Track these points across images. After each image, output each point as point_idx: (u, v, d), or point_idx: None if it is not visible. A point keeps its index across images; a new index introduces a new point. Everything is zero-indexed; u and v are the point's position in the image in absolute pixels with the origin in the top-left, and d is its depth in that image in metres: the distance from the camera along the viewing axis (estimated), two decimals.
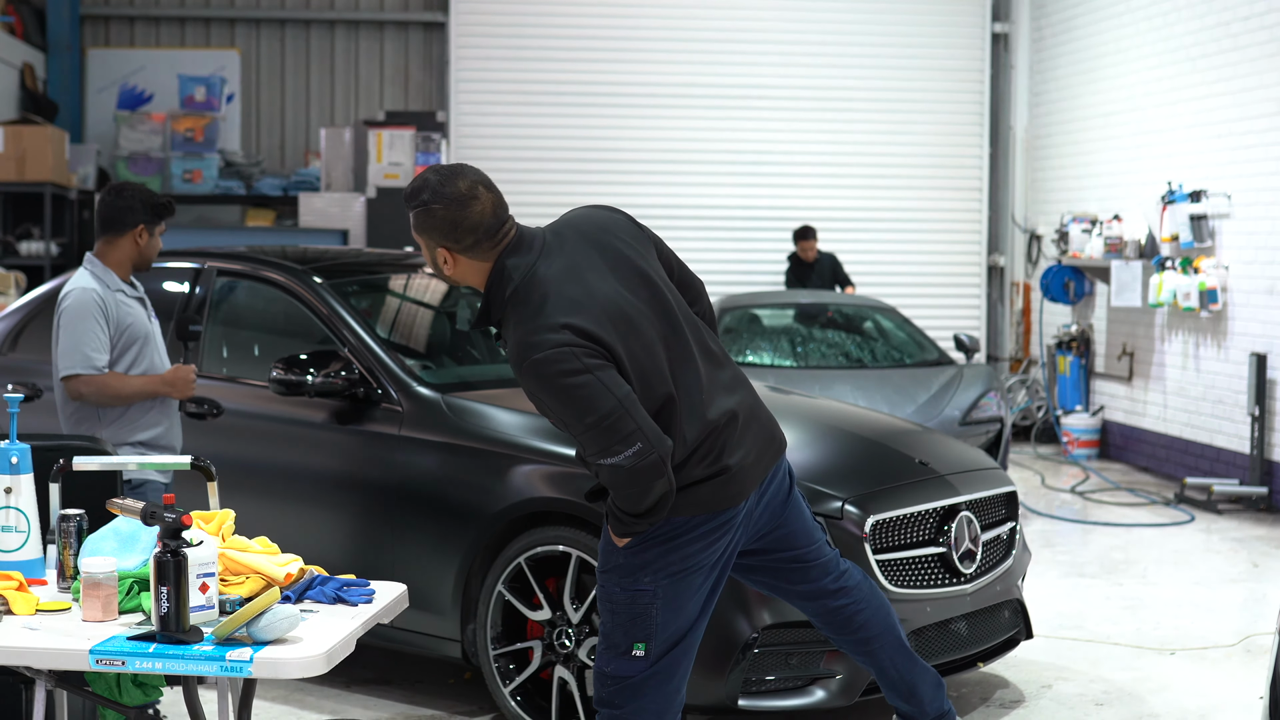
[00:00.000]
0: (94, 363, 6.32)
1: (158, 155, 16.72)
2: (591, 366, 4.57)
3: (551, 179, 17.15)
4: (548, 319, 4.62)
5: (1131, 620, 8.82)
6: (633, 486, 4.65)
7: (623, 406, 4.58)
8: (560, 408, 4.62)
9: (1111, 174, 15.44)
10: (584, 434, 4.62)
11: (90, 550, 4.66)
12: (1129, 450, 15.07)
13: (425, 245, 4.86)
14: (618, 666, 4.91)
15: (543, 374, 4.58)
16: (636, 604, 4.88)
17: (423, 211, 4.80)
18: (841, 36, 17.53)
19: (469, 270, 4.81)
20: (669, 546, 4.85)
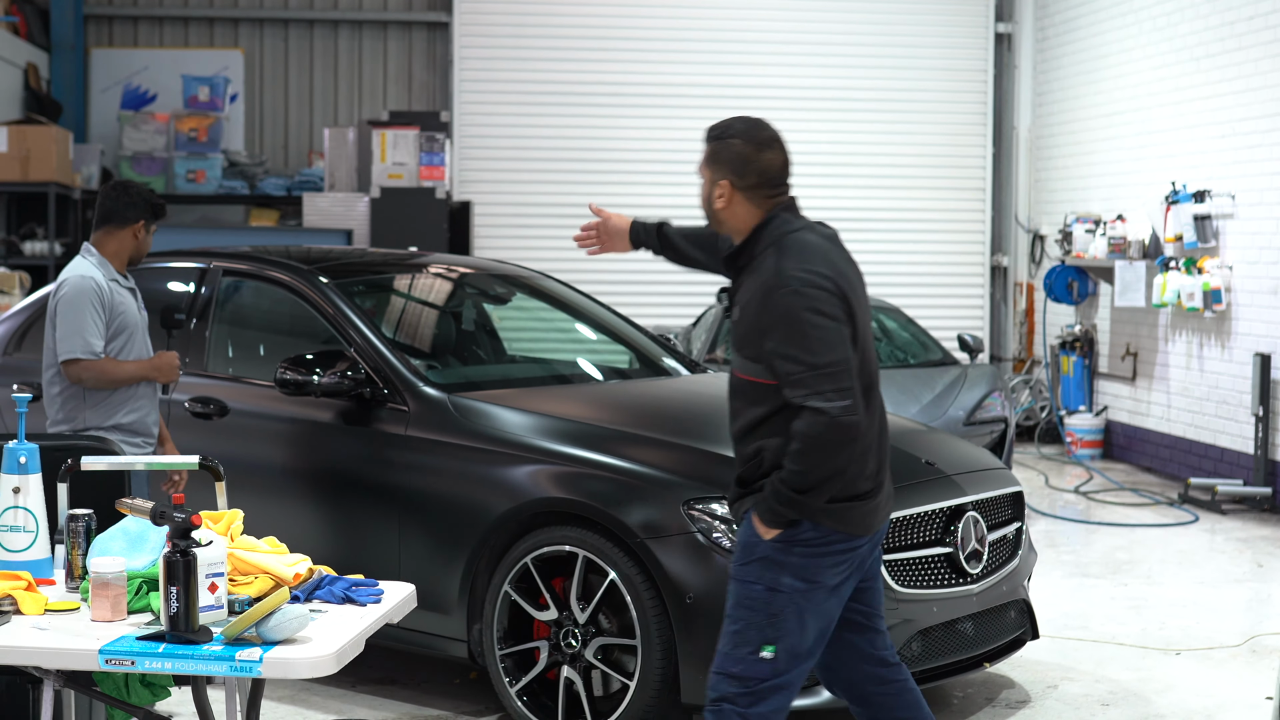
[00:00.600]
0: (93, 348, 6.51)
1: (161, 155, 16.73)
2: (838, 317, 4.72)
3: (555, 179, 17.15)
4: (815, 267, 4.77)
5: (1136, 620, 8.82)
6: (825, 443, 4.66)
7: (849, 362, 4.71)
8: (792, 339, 4.68)
9: (1115, 174, 15.43)
10: (804, 373, 4.66)
11: (99, 550, 4.66)
12: (1132, 450, 15.07)
13: (709, 177, 5.00)
14: (745, 668, 4.83)
15: (795, 303, 4.68)
16: (774, 603, 4.82)
17: (722, 143, 4.98)
18: (845, 37, 17.52)
19: (738, 211, 4.95)
20: (812, 553, 4.83)
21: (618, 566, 6.18)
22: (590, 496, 6.33)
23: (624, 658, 6.29)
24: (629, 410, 7.28)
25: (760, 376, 4.80)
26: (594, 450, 6.52)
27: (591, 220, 5.65)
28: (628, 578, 6.16)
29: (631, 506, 6.22)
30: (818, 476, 4.71)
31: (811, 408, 4.64)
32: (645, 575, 6.14)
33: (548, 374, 8.24)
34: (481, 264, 9.22)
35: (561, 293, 8.74)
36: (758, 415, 4.85)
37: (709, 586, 6.05)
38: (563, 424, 6.77)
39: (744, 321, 4.84)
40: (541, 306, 8.85)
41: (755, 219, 4.94)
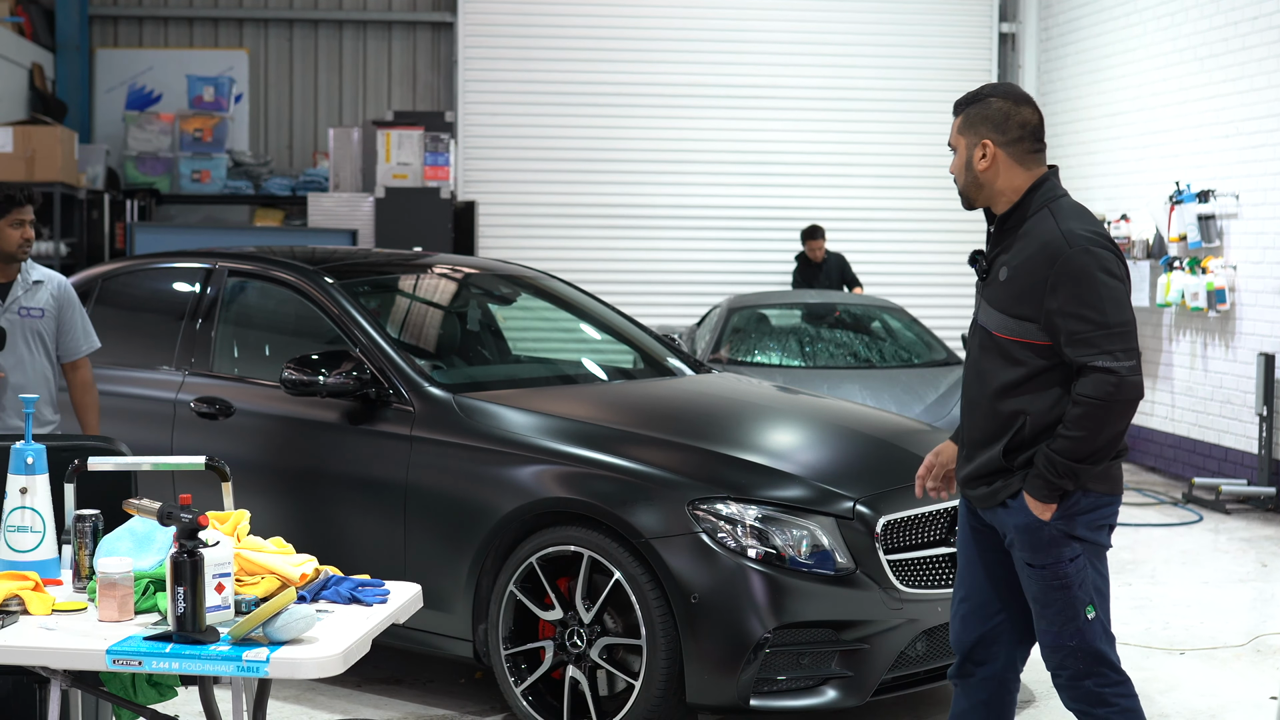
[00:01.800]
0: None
1: (166, 155, 16.76)
2: (1124, 279, 4.76)
3: (559, 179, 17.17)
4: (1099, 231, 4.80)
5: (1140, 620, 8.83)
6: (1113, 404, 4.64)
7: (1134, 326, 4.74)
8: (1082, 295, 4.68)
9: (1119, 174, 15.44)
10: (1093, 331, 4.67)
11: (106, 550, 4.67)
12: (1137, 450, 15.07)
13: (965, 143, 4.97)
14: (1081, 639, 4.85)
15: (1089, 263, 4.69)
16: (1073, 572, 4.82)
17: (980, 105, 4.95)
18: (849, 36, 17.54)
19: (1002, 168, 4.92)
20: (1092, 520, 4.85)
21: (623, 566, 6.19)
22: (595, 497, 6.34)
23: (629, 657, 6.30)
24: (634, 410, 7.29)
25: (1031, 337, 4.78)
26: (599, 450, 6.53)
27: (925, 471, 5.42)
28: (633, 578, 6.17)
29: (636, 507, 6.23)
30: (1101, 441, 4.68)
31: (1101, 367, 4.64)
32: (650, 575, 6.15)
33: (552, 374, 8.26)
34: (486, 264, 9.23)
35: (566, 293, 8.75)
36: (1018, 377, 4.83)
37: (714, 586, 6.07)
38: (568, 424, 6.78)
39: (1017, 281, 4.80)
40: (546, 306, 8.86)
41: (1023, 180, 4.93)
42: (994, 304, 4.89)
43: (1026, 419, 4.81)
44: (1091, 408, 4.64)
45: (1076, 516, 4.79)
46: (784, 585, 6.10)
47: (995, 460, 4.88)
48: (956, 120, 5.01)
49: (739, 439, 6.87)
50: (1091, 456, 4.69)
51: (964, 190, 5.04)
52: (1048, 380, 4.78)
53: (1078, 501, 4.78)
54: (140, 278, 8.48)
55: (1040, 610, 4.89)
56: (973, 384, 5.00)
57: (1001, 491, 4.89)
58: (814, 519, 6.24)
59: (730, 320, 13.13)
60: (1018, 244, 4.85)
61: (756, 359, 12.44)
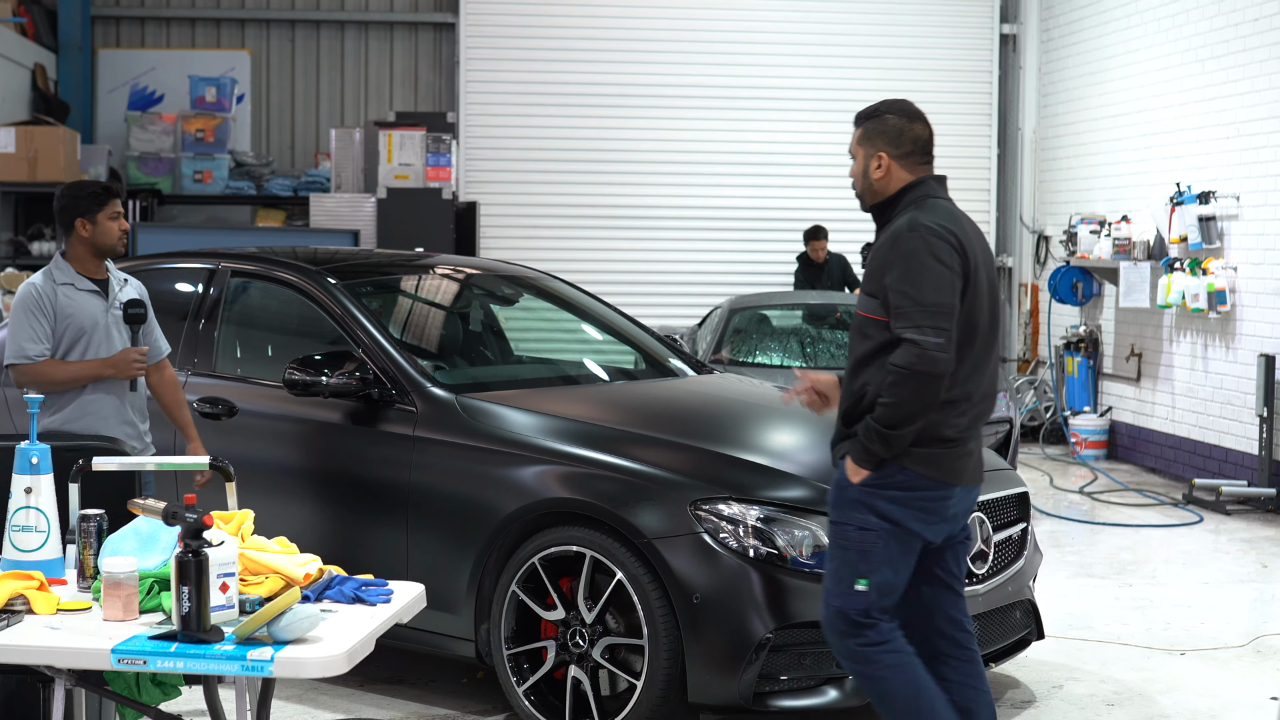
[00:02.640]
0: (25, 353, 6.49)
1: (168, 155, 16.76)
2: (953, 267, 5.17)
3: (561, 179, 17.18)
4: (944, 224, 5.25)
5: (1141, 621, 8.84)
6: (913, 374, 5.05)
7: (953, 309, 5.14)
8: (908, 274, 5.13)
9: (1120, 175, 15.45)
10: (910, 306, 5.10)
11: (110, 550, 4.69)
12: (1137, 451, 15.09)
13: (863, 154, 5.47)
14: (844, 601, 5.26)
15: (917, 244, 5.16)
16: (864, 540, 5.24)
17: (877, 120, 5.48)
18: (850, 38, 17.55)
19: (893, 178, 5.44)
20: (900, 497, 5.23)
21: (625, 567, 6.21)
22: (597, 497, 6.35)
23: (631, 657, 6.32)
24: (636, 411, 7.30)
25: (874, 312, 5.24)
26: (601, 451, 6.55)
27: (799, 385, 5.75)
28: (635, 578, 6.18)
29: (639, 507, 6.25)
30: (907, 410, 5.09)
31: (909, 339, 5.07)
32: (652, 575, 6.17)
33: (554, 375, 8.27)
34: (488, 264, 9.25)
35: (568, 293, 8.76)
36: (867, 350, 5.26)
37: (716, 586, 6.09)
38: (570, 424, 6.79)
39: (872, 262, 5.30)
40: (548, 307, 8.87)
41: (904, 183, 5.42)
42: (862, 287, 5.43)
43: (869, 388, 5.24)
44: (898, 376, 5.07)
45: (883, 489, 5.22)
46: (786, 585, 6.12)
47: (839, 428, 5.40)
48: (856, 132, 5.51)
49: (741, 439, 6.88)
50: (899, 424, 5.11)
51: (860, 194, 5.54)
52: (889, 355, 5.17)
53: (891, 476, 5.21)
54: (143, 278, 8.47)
55: (829, 567, 5.37)
56: (848, 359, 5.44)
57: (836, 454, 5.40)
58: (816, 519, 6.25)
59: (731, 321, 13.13)
60: (884, 233, 5.37)
61: (758, 360, 12.45)
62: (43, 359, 6.50)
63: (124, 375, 6.60)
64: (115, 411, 6.63)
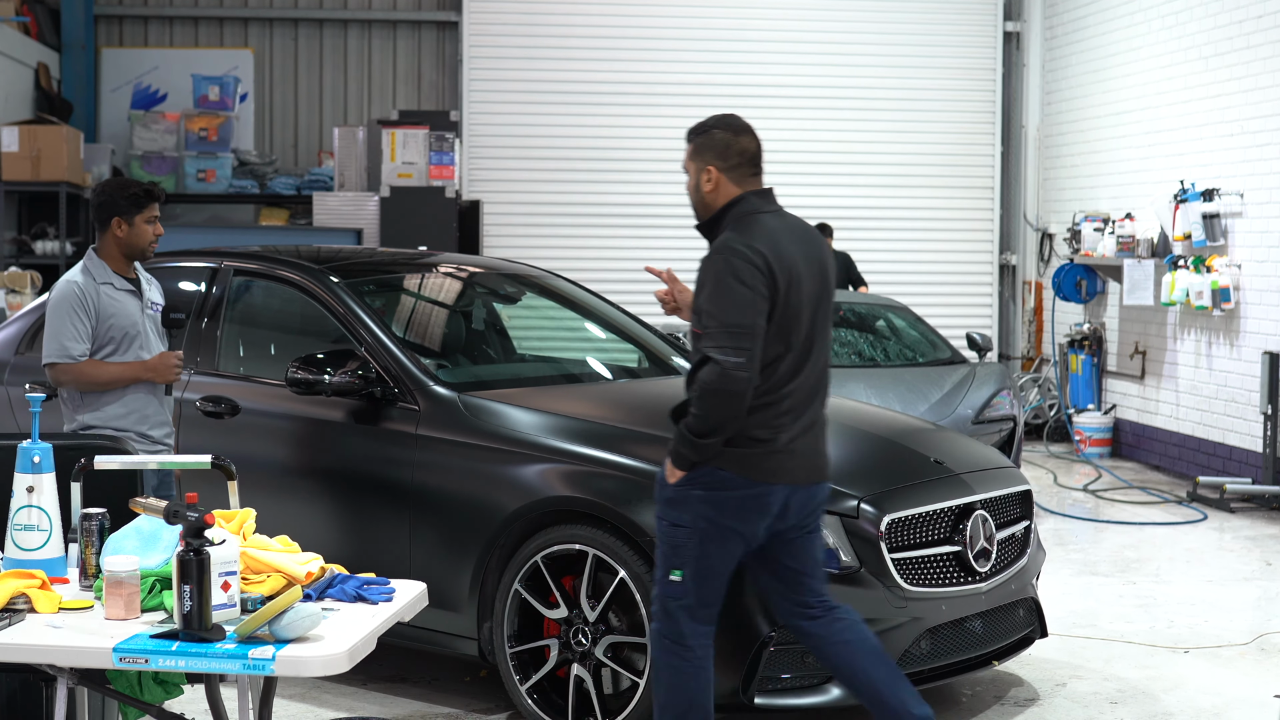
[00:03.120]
0: (68, 352, 6.50)
1: (172, 154, 16.76)
2: (756, 288, 5.36)
3: (564, 178, 17.18)
4: (754, 243, 5.44)
5: (1145, 618, 8.83)
6: (715, 390, 5.29)
7: (755, 330, 5.33)
8: (714, 293, 5.38)
9: (1124, 172, 15.44)
10: (714, 325, 5.34)
11: (112, 549, 4.69)
12: (1141, 449, 15.08)
13: (694, 168, 5.73)
14: (662, 589, 5.53)
15: (724, 265, 5.39)
16: (676, 536, 5.49)
17: (705, 136, 5.73)
18: (854, 36, 17.54)
19: (722, 192, 5.66)
20: (710, 497, 5.44)
21: (628, 565, 6.20)
22: (600, 495, 6.35)
23: (634, 656, 6.31)
24: (639, 409, 7.29)
25: (698, 328, 5.44)
26: (604, 449, 6.54)
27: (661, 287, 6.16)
28: (638, 576, 6.17)
29: (641, 505, 6.23)
30: (711, 423, 5.33)
31: (712, 359, 5.31)
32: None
33: (557, 373, 8.26)
34: (491, 263, 9.24)
35: (571, 292, 8.76)
36: (695, 363, 5.47)
37: None
38: (573, 423, 6.78)
39: (699, 281, 5.49)
40: (551, 305, 8.87)
41: (732, 196, 5.64)
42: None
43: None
44: (702, 392, 5.34)
45: (694, 488, 5.45)
46: None
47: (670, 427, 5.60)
48: (688, 149, 5.78)
49: None
50: (706, 434, 5.35)
51: (695, 208, 5.77)
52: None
53: (705, 476, 5.43)
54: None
55: (657, 556, 5.60)
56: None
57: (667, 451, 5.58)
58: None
59: None
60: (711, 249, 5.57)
61: None
62: (84, 359, 6.53)
63: (163, 379, 6.65)
64: (156, 412, 6.70)
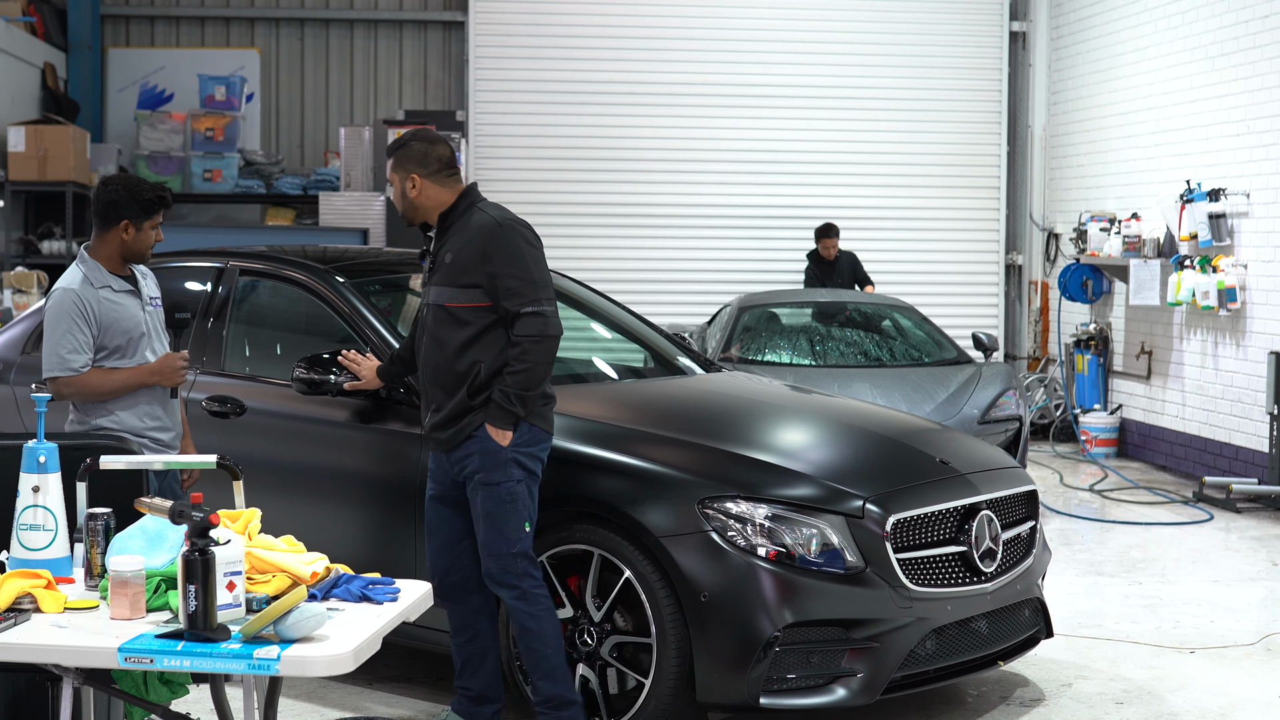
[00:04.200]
0: (69, 365, 6.25)
1: (178, 154, 16.77)
2: (541, 250, 6.24)
3: (570, 178, 17.18)
4: (520, 219, 6.26)
5: (1151, 619, 8.83)
6: (543, 339, 6.04)
7: (552, 284, 6.20)
8: (516, 261, 6.09)
9: (1130, 172, 15.43)
10: (524, 285, 6.06)
11: (118, 549, 4.68)
12: (1147, 449, 15.07)
13: (399, 179, 6.29)
14: (523, 544, 6.10)
15: (514, 236, 6.13)
16: (516, 492, 6.11)
17: (403, 149, 6.29)
18: (860, 36, 17.54)
19: (431, 194, 6.26)
20: (533, 452, 6.17)
21: (633, 565, 6.20)
22: (605, 495, 6.35)
23: (639, 655, 6.31)
24: (644, 409, 7.29)
25: (476, 301, 6.10)
26: (609, 449, 6.54)
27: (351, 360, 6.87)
28: (643, 576, 6.18)
29: (647, 505, 6.24)
30: (540, 374, 6.07)
31: (531, 312, 6.03)
32: (660, 573, 6.16)
33: (563, 373, 8.24)
34: None
35: (577, 292, 8.74)
36: (470, 335, 6.12)
37: (724, 585, 6.08)
38: (578, 423, 6.77)
39: (459, 262, 6.13)
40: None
41: (448, 195, 6.26)
42: (443, 283, 6.18)
43: (481, 366, 6.12)
44: (529, 344, 6.03)
45: (522, 446, 6.11)
46: (794, 584, 6.11)
47: (461, 404, 6.14)
48: (389, 163, 6.34)
49: (749, 438, 6.87)
50: (534, 385, 6.06)
51: (404, 213, 6.34)
52: (493, 335, 6.12)
53: (524, 434, 6.11)
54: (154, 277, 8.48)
55: (490, 525, 6.11)
56: (433, 353, 6.24)
57: (467, 427, 6.14)
58: (824, 517, 6.25)
59: (741, 319, 13.13)
60: (455, 237, 6.19)
61: (767, 358, 12.45)
62: (86, 370, 6.29)
63: (169, 382, 6.48)
64: (166, 413, 6.55)
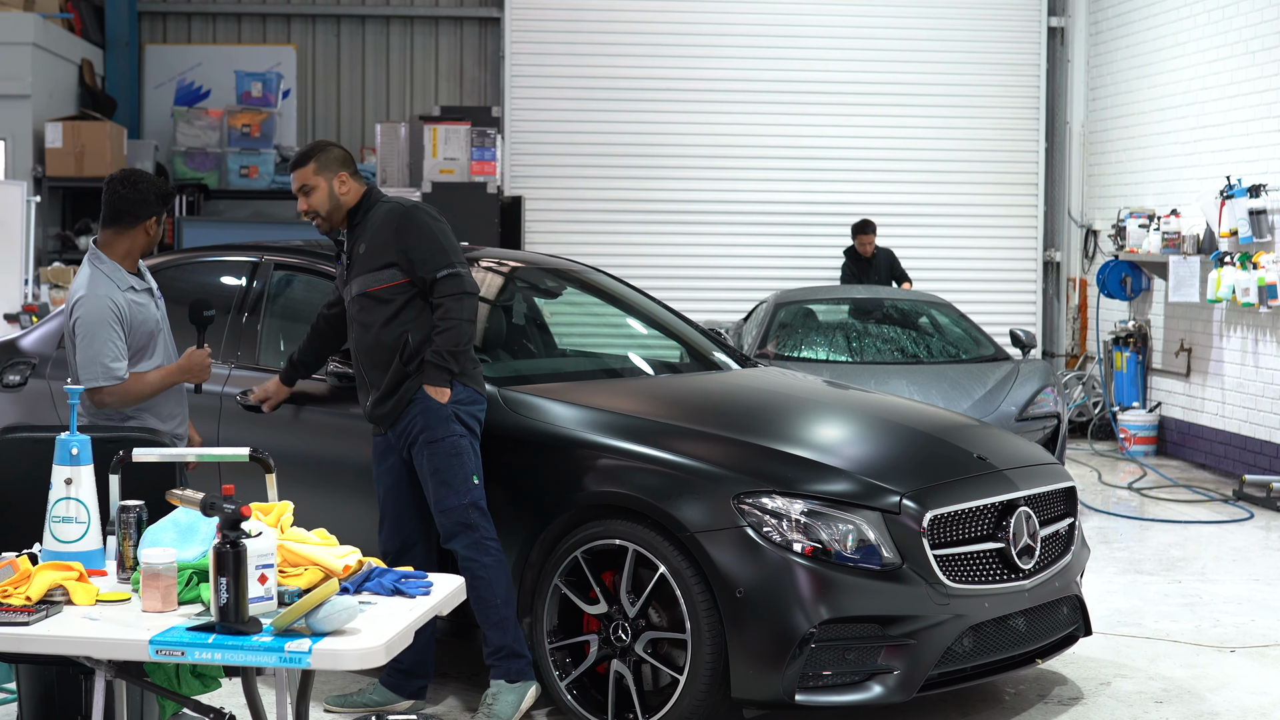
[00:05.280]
0: (115, 374, 6.20)
1: (214, 150, 16.80)
2: (446, 224, 6.67)
3: (606, 173, 17.15)
4: (422, 204, 6.74)
5: (1190, 617, 8.75)
6: (463, 294, 6.46)
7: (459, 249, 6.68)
8: (426, 236, 6.53)
9: (1169, 169, 15.33)
10: (436, 253, 6.51)
11: (150, 541, 4.67)
12: (1186, 447, 14.97)
13: (325, 179, 6.64)
14: (473, 495, 6.46)
15: (422, 216, 6.60)
16: (460, 446, 6.48)
17: (324, 153, 6.67)
18: (898, 31, 17.47)
19: (353, 191, 6.69)
20: (467, 411, 6.54)
21: (668, 561, 6.17)
22: (640, 490, 6.31)
23: (674, 652, 6.28)
24: (679, 404, 7.26)
25: (393, 280, 6.52)
26: (645, 444, 6.51)
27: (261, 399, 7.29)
28: (678, 572, 6.14)
29: (682, 501, 6.20)
30: (466, 330, 6.47)
31: (449, 274, 6.47)
32: (695, 569, 6.12)
33: (598, 368, 8.23)
34: (532, 258, 9.20)
35: (613, 287, 8.72)
36: (391, 312, 6.53)
37: (759, 581, 6.04)
38: (613, 418, 6.75)
39: (373, 248, 6.56)
40: (592, 300, 8.84)
41: (360, 192, 6.70)
42: (361, 272, 6.58)
43: (408, 334, 6.50)
44: (451, 301, 6.45)
45: (459, 404, 6.50)
46: (830, 580, 6.06)
47: (397, 373, 6.51)
48: (308, 169, 6.64)
49: (785, 433, 6.83)
50: (463, 340, 6.46)
51: (330, 215, 6.68)
52: (414, 306, 6.54)
53: (459, 393, 6.50)
54: (186, 271, 8.48)
55: (439, 481, 6.47)
56: (360, 337, 6.62)
57: (407, 393, 6.51)
58: (860, 513, 6.20)
59: (777, 315, 13.08)
60: (364, 230, 6.63)
61: (803, 354, 12.40)
62: (127, 377, 6.25)
63: (197, 380, 6.53)
64: (178, 406, 6.57)
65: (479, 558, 6.40)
